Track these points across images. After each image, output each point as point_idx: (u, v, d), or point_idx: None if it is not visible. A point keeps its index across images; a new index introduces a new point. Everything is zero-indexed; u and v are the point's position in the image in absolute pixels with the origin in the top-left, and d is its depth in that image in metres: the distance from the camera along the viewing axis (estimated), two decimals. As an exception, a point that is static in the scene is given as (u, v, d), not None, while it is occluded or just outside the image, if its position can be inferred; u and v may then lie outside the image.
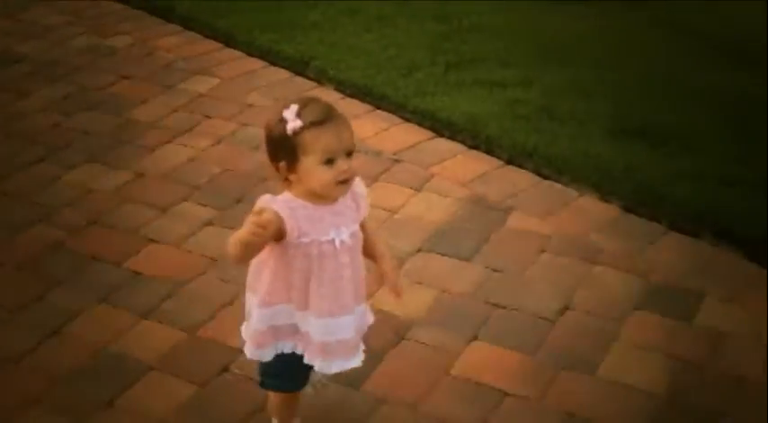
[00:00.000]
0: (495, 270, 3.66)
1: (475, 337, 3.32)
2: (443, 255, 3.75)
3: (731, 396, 3.12)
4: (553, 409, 3.03)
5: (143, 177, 4.34)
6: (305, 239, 2.46)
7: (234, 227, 3.81)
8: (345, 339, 2.58)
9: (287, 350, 2.61)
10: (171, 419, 3.00)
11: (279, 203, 2.46)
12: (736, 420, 3.03)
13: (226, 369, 3.19)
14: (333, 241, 2.48)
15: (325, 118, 2.41)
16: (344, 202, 2.52)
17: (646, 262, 3.72)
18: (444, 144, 4.58)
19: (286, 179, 2.48)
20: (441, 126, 4.67)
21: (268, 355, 2.62)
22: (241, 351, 3.21)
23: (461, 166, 4.36)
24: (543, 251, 3.78)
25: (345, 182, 2.44)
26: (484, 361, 3.22)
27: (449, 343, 3.28)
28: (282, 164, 2.45)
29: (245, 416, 3.01)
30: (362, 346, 2.67)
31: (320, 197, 2.46)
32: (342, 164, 2.41)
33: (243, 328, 2.69)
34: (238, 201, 4.11)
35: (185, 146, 4.59)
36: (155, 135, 4.69)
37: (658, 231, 3.91)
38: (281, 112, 2.42)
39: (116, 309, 3.49)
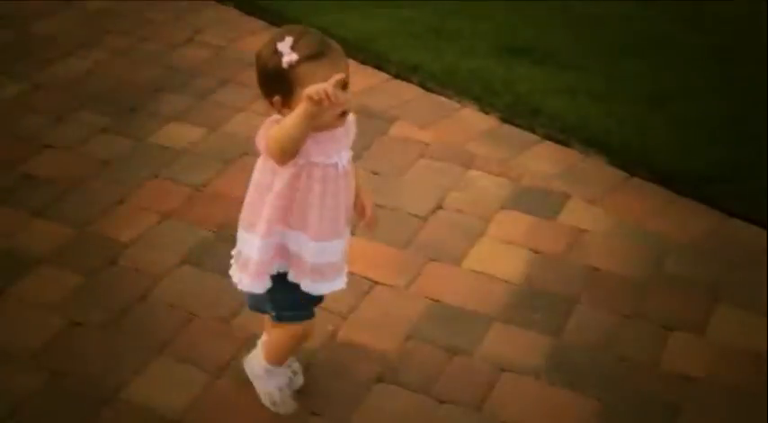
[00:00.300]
0: (374, 173, 3.87)
1: (351, 233, 3.53)
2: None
3: (586, 285, 3.39)
4: (419, 296, 3.27)
5: (41, 88, 4.44)
6: (313, 159, 2.44)
7: (128, 134, 4.06)
8: (334, 262, 2.60)
9: (282, 270, 2.59)
10: (60, 305, 3.18)
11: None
12: (589, 306, 3.30)
13: (114, 262, 3.37)
14: (336, 165, 2.47)
15: (321, 51, 2.35)
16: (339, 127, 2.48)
17: (517, 167, 3.97)
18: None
19: (279, 113, 2.41)
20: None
21: (266, 285, 2.58)
22: (128, 245, 3.44)
23: (352, 81, 4.53)
24: (422, 157, 4.00)
25: (344, 114, 2.41)
26: (357, 254, 3.38)
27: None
28: (277, 98, 2.39)
29: (130, 303, 3.20)
30: (346, 269, 2.69)
31: (317, 128, 2.40)
32: (339, 96, 2.31)
33: (232, 271, 2.65)
34: (133, 110, 4.26)
35: (84, 59, 4.70)
36: (54, 48, 4.78)
37: (532, 140, 4.16)
38: (275, 44, 2.34)
39: (9, 209, 3.63)
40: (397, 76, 4.58)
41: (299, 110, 2.29)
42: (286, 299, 2.64)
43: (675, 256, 3.56)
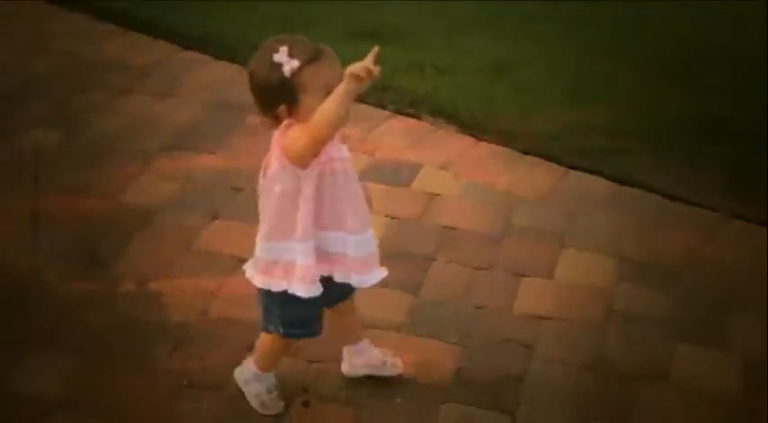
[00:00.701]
0: (234, 159, 4.04)
1: (216, 217, 3.69)
2: (189, 151, 4.10)
3: (441, 244, 3.61)
4: (284, 268, 3.45)
5: None
6: (332, 155, 2.51)
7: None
8: (373, 251, 2.68)
9: (325, 273, 2.63)
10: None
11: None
12: (445, 262, 3.52)
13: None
14: (348, 158, 2.56)
15: (317, 53, 2.42)
16: None
17: (371, 142, 4.18)
18: (192, 56, 4.89)
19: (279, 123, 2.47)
20: (189, 41, 4.97)
21: (320, 288, 2.61)
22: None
23: (206, 74, 4.70)
24: (280, 141, 4.17)
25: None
26: (223, 235, 3.61)
27: (192, 223, 3.65)
28: (282, 108, 2.44)
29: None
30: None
31: None
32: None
33: (268, 282, 2.67)
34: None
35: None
36: None
37: (384, 116, 4.38)
38: (270, 57, 2.42)
39: None
40: (251, 68, 4.74)
41: (340, 92, 2.33)
42: (296, 314, 2.69)
43: (523, 210, 3.82)
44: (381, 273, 2.74)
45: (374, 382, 3.00)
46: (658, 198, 3.91)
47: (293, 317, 2.70)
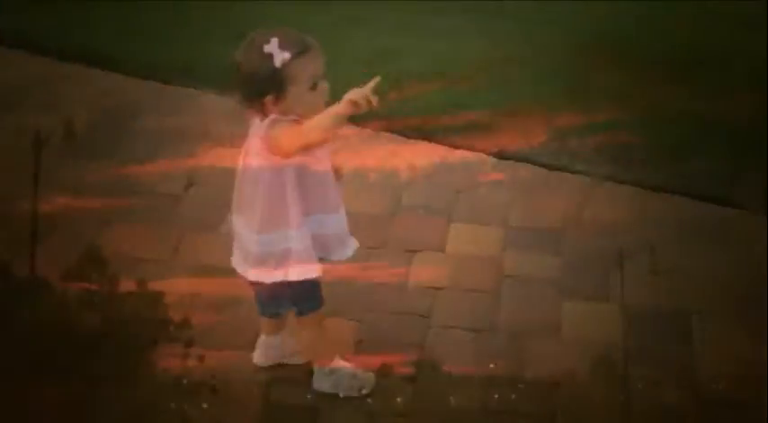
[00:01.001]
0: (132, 165, 4.12)
1: (108, 222, 3.79)
2: (85, 158, 4.17)
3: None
4: (183, 265, 3.55)
5: None
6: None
7: None
8: (346, 226, 2.86)
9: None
10: None
11: (291, 118, 2.58)
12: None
13: None
14: (323, 145, 2.68)
15: (306, 46, 2.56)
16: None
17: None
18: (70, 68, 4.88)
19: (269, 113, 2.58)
20: (65, 53, 4.96)
21: (317, 269, 2.77)
22: None
23: (88, 85, 4.74)
24: (172, 143, 4.28)
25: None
26: (121, 238, 3.69)
27: (89, 230, 3.73)
28: (269, 97, 2.54)
29: None
30: None
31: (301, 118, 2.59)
32: (324, 85, 2.59)
33: (264, 275, 2.77)
34: None
35: None
36: None
37: (270, 112, 4.49)
38: (260, 48, 2.53)
39: None
40: (135, 76, 4.80)
41: (333, 113, 2.50)
42: (303, 290, 2.80)
43: (410, 190, 4.00)
44: (355, 244, 2.91)
45: (279, 364, 3.11)
46: (537, 169, 4.13)
47: (304, 292, 2.82)
